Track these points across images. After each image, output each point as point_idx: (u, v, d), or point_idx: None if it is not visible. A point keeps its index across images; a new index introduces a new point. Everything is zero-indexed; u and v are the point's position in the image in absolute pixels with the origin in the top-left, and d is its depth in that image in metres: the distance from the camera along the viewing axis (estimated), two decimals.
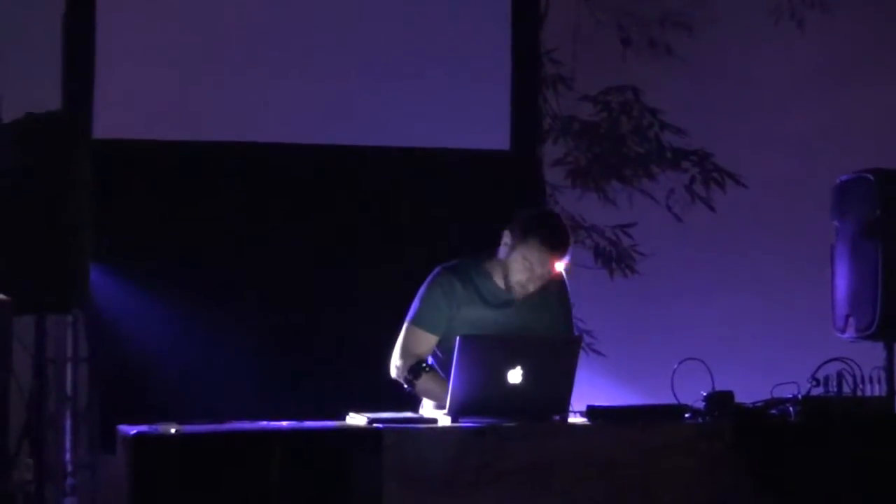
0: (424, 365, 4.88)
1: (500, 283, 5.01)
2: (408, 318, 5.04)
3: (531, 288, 4.94)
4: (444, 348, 4.96)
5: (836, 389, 4.96)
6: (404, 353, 4.98)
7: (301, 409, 4.76)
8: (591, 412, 4.68)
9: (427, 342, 5.00)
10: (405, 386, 4.92)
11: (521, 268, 4.92)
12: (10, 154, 5.24)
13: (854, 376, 4.99)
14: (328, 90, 6.65)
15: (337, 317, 6.54)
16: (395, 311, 5.19)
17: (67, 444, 6.39)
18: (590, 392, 4.98)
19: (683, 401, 4.80)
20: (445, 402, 4.60)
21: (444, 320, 4.97)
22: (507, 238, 4.97)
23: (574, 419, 4.71)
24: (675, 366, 4.86)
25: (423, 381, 4.87)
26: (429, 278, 5.05)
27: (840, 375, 4.97)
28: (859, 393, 4.99)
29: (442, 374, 4.89)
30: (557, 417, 4.63)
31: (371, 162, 6.72)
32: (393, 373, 5.03)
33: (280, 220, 6.58)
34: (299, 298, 6.55)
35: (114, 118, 6.35)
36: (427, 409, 5.01)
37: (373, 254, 6.58)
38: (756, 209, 8.02)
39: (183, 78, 6.49)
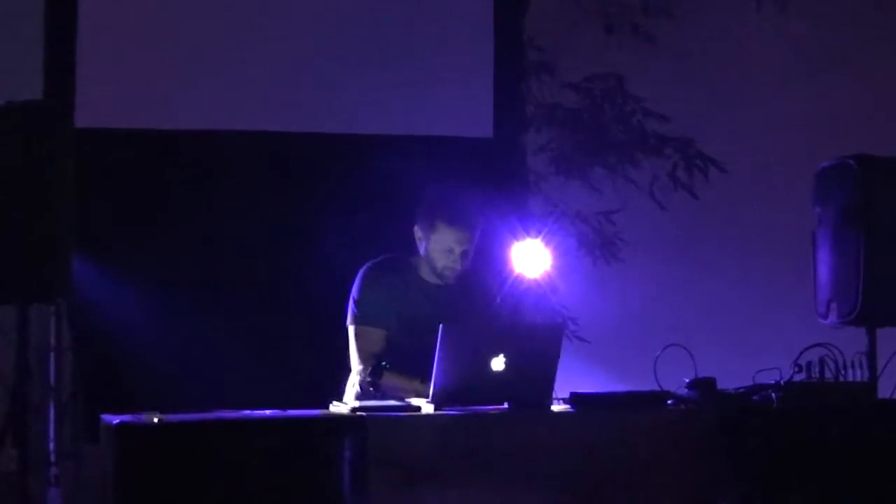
0: (384, 363, 4.77)
1: (427, 277, 5.02)
2: (350, 322, 4.99)
3: (459, 267, 4.95)
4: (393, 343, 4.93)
5: (818, 375, 4.97)
6: (363, 358, 4.92)
7: (284, 397, 4.75)
8: (574, 399, 4.69)
9: (379, 338, 4.94)
10: (371, 389, 4.79)
11: (442, 254, 4.95)
12: None
13: (836, 362, 5.00)
14: (310, 79, 6.63)
15: (319, 305, 6.52)
16: None
17: (51, 434, 6.37)
18: (573, 379, 4.99)
19: (666, 387, 4.81)
20: (411, 393, 4.62)
21: (388, 312, 4.94)
22: (418, 233, 5.01)
23: (558, 406, 4.72)
24: (658, 352, 4.87)
25: (386, 379, 4.77)
26: (360, 275, 5.02)
27: (822, 361, 4.98)
28: (842, 378, 5.00)
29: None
30: (541, 404, 4.64)
31: (354, 150, 6.71)
32: (357, 382, 4.97)
33: (261, 208, 6.56)
34: (282, 287, 6.54)
35: (96, 107, 6.32)
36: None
37: (354, 242, 6.56)
38: (738, 195, 8.04)
39: (165, 67, 6.46)
